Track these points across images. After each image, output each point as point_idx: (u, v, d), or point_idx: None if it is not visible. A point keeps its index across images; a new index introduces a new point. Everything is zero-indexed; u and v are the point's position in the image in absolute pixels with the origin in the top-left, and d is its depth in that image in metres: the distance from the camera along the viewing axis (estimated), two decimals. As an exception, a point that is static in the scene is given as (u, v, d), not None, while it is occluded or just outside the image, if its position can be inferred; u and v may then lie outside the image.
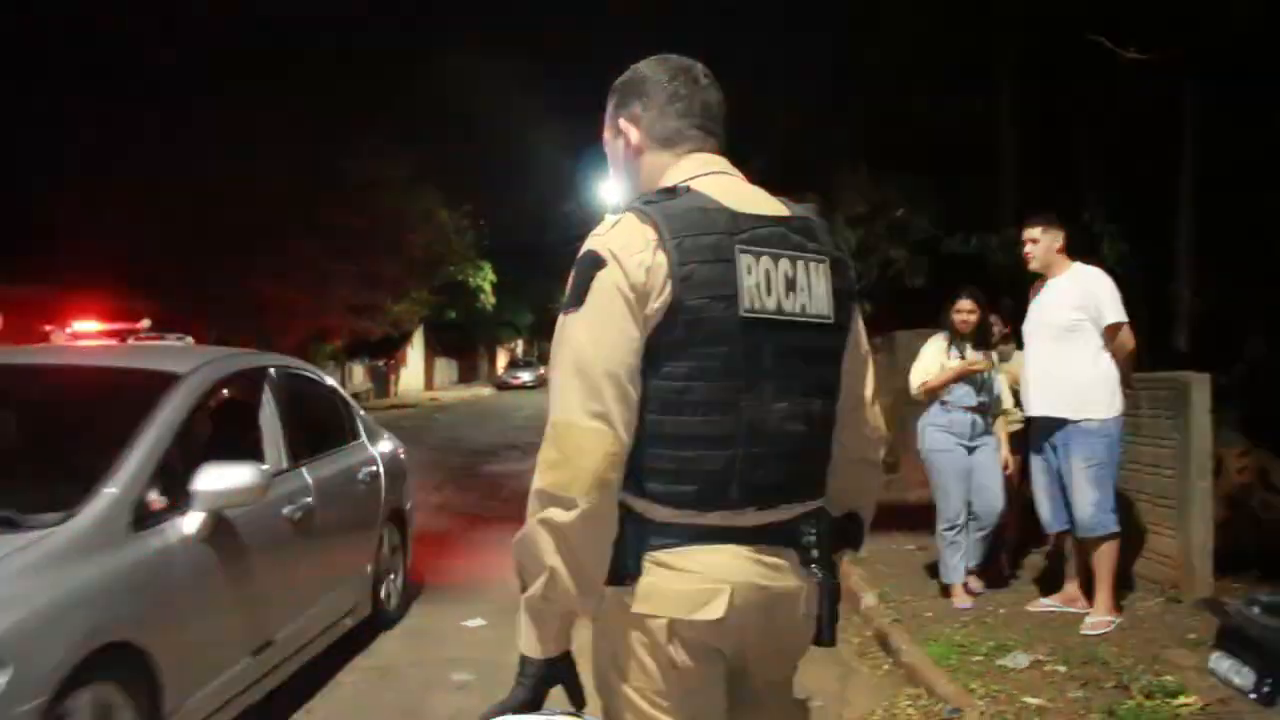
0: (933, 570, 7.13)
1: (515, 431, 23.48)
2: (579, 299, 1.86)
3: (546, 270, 67.96)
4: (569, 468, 1.81)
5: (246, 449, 4.80)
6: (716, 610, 1.88)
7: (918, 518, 8.46)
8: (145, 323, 12.87)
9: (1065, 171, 12.90)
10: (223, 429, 5.05)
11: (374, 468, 6.52)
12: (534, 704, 1.93)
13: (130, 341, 11.85)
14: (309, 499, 5.13)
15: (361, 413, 7.17)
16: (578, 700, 1.99)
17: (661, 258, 1.83)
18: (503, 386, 53.53)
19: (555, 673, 1.95)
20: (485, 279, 42.49)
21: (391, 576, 6.74)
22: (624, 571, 1.89)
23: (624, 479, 1.86)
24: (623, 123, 2.13)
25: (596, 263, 1.85)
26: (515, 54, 36.79)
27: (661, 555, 1.89)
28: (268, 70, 21.10)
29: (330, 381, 7.13)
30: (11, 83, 18.18)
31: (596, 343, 1.83)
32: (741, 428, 1.88)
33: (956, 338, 6.59)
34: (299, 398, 5.79)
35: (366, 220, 24.78)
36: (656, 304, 1.83)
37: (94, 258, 20.10)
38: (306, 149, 22.39)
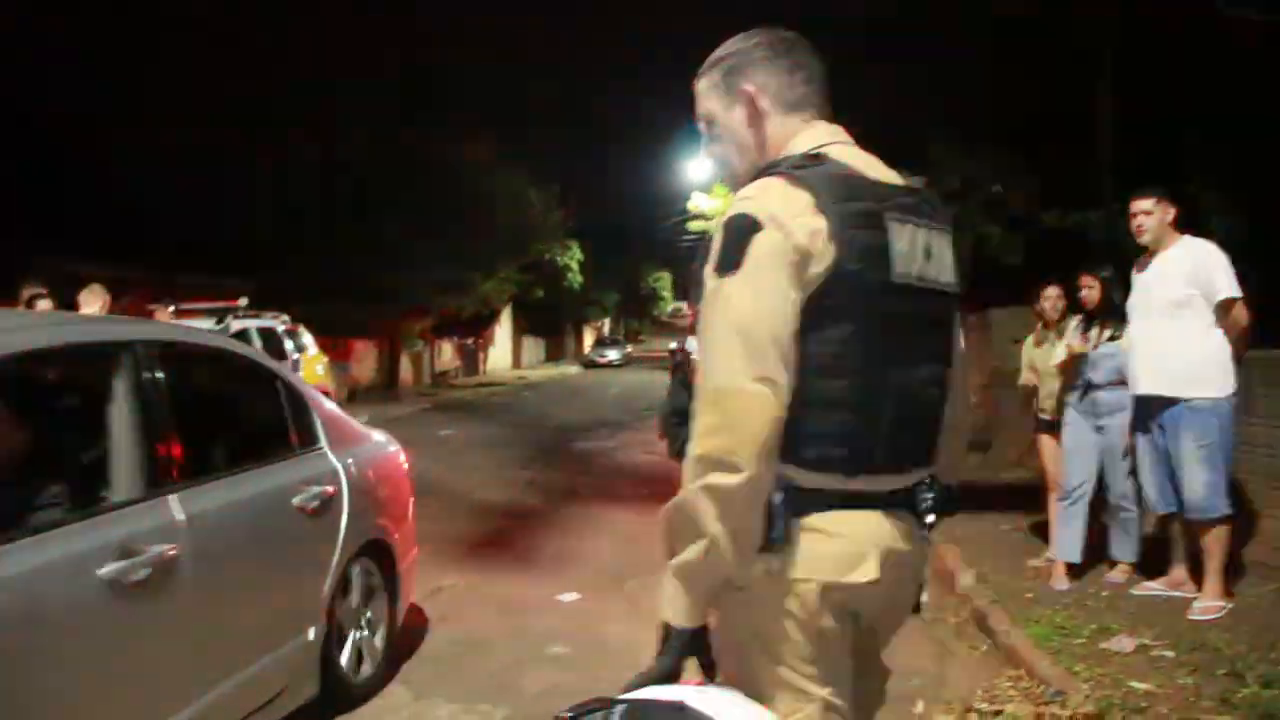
0: (1031, 550, 6.99)
1: (603, 409, 23.59)
2: (735, 262, 1.83)
3: (633, 250, 68.48)
4: (733, 433, 1.78)
5: (74, 467, 3.52)
6: (870, 572, 1.88)
7: (1013, 498, 8.32)
8: (243, 301, 13.27)
9: (1167, 143, 12.49)
10: (45, 436, 3.55)
11: (328, 487, 4.57)
12: (676, 675, 1.88)
13: (230, 319, 12.20)
14: (168, 545, 3.33)
15: (329, 407, 5.19)
16: (711, 671, 1.95)
17: (821, 222, 1.83)
18: (590, 365, 53.75)
19: (697, 643, 1.90)
20: (573, 258, 42.69)
21: (361, 633, 4.90)
22: (773, 538, 1.86)
23: None
24: (746, 88, 2.09)
25: (754, 226, 1.83)
26: (606, 37, 36.83)
27: (813, 520, 1.88)
28: (356, 49, 21.39)
29: (271, 365, 5.01)
30: (113, 73, 18.62)
31: (758, 306, 1.80)
32: (889, 393, 1.89)
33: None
34: (194, 391, 4.21)
35: (456, 199, 25.02)
36: (818, 268, 1.82)
37: (189, 241, 20.63)
38: (395, 129, 22.67)
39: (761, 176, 1.94)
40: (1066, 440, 6.47)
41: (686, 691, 1.82)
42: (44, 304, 8.43)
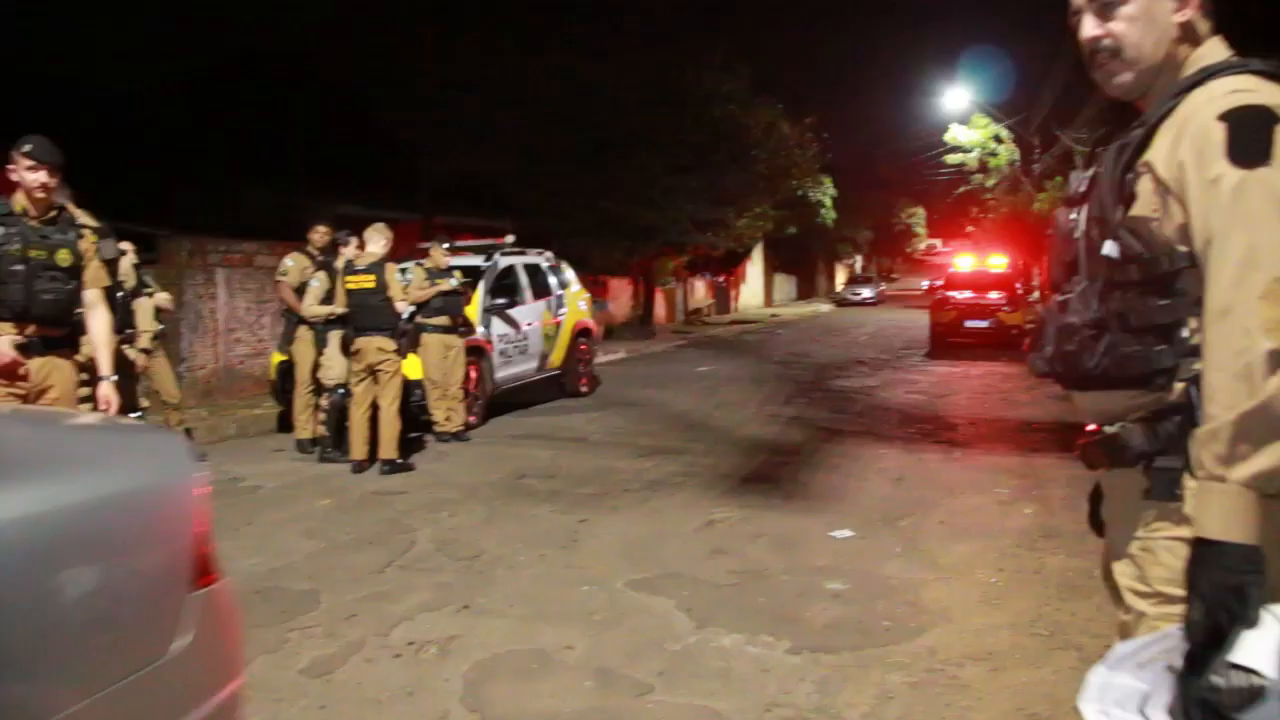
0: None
1: (859, 348, 23.25)
2: (1265, 154, 1.75)
3: (886, 185, 66.72)
4: None
5: None
6: None
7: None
8: (509, 238, 13.64)
9: None
10: None
11: None
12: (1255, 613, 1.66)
13: (497, 256, 12.58)
14: None
15: None
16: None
17: None
18: (842, 303, 53.06)
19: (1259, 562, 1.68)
20: (826, 193, 41.95)
21: None
22: None
23: None
24: None
25: (1274, 117, 1.77)
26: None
27: None
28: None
29: None
30: (365, 20, 19.43)
31: None
32: None
33: None
34: None
35: (709, 135, 24.94)
36: None
37: (449, 182, 21.44)
38: (650, 64, 22.73)
39: (1220, 75, 1.87)
40: None
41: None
42: (353, 243, 8.97)
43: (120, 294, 7.11)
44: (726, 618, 4.98)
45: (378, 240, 9.01)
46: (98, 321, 5.22)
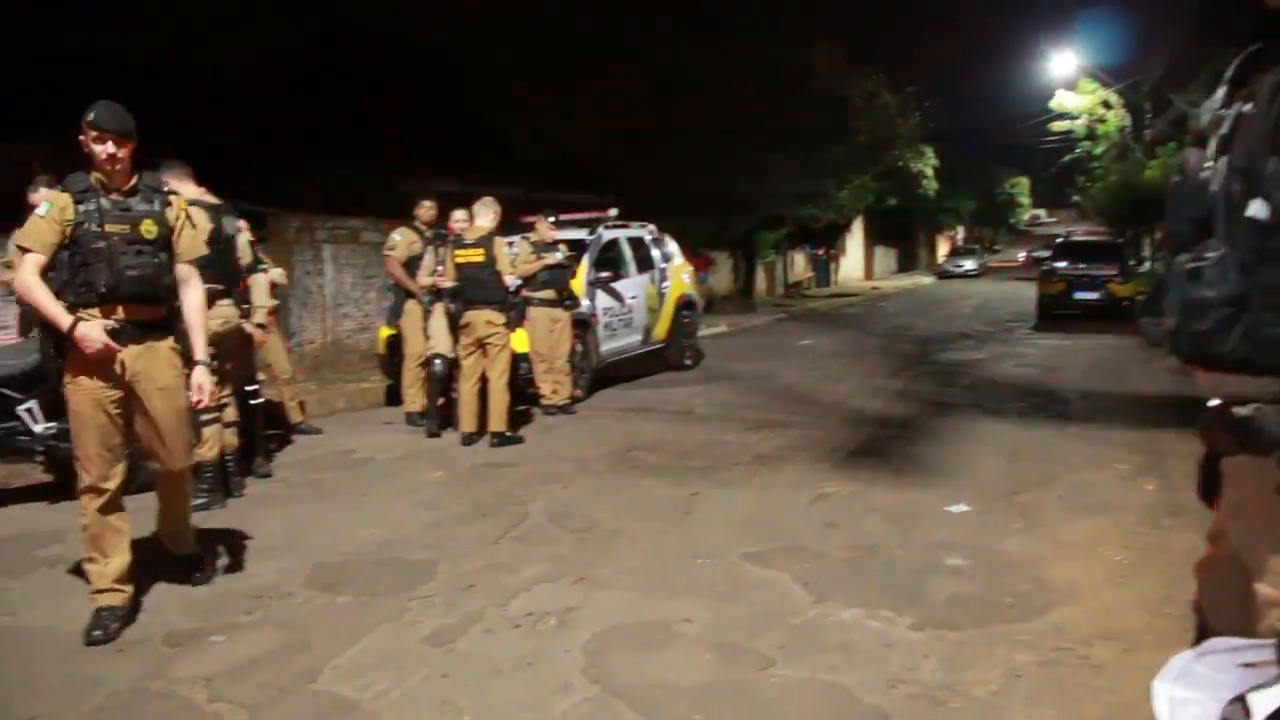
0: None
1: (964, 320, 22.86)
2: None
3: (988, 154, 65.35)
4: None
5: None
6: None
7: None
8: (613, 211, 13.62)
9: None
10: None
11: None
12: None
13: (601, 229, 12.59)
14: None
15: None
16: None
17: None
18: (944, 275, 52.15)
19: None
20: (928, 164, 41.23)
21: None
22: None
23: None
24: None
25: None
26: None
27: None
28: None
29: None
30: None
31: None
32: None
33: None
34: None
35: (808, 107, 24.64)
36: None
37: (547, 158, 21.48)
38: (746, 37, 22.51)
39: None
40: None
41: None
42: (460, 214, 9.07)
43: (238, 270, 7.24)
44: (845, 592, 4.91)
45: (486, 214, 9.05)
46: (190, 298, 4.78)
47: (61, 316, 4.38)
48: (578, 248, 11.65)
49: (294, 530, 6.19)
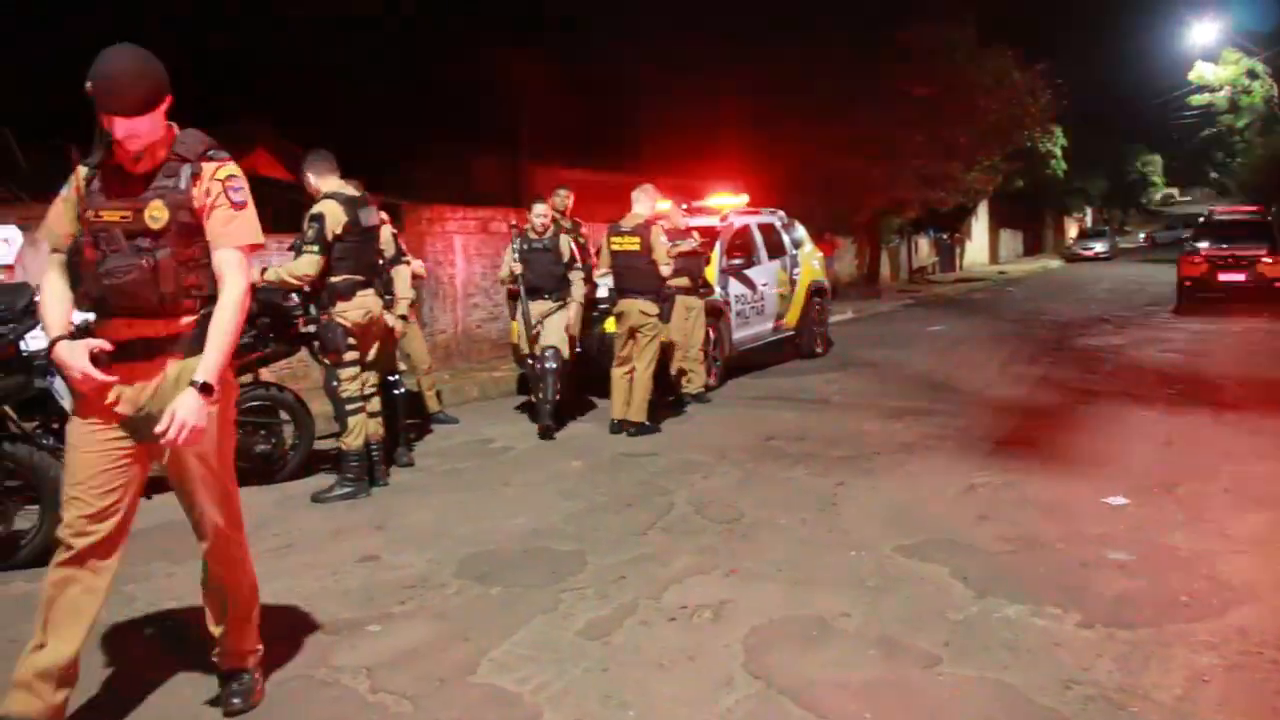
0: None
1: (1099, 305, 22.15)
2: None
3: (1118, 132, 63.04)
4: None
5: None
6: None
7: None
8: (744, 197, 13.51)
9: None
10: None
11: None
12: None
13: (732, 216, 12.49)
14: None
15: None
16: None
17: None
18: (1072, 259, 50.55)
19: None
20: (1057, 144, 40.00)
21: None
22: None
23: None
24: None
25: None
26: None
27: None
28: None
29: None
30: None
31: None
32: None
33: None
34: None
35: (935, 87, 24.14)
36: None
37: (664, 144, 21.43)
38: (871, 16, 22.13)
39: None
40: None
41: None
42: (540, 207, 8.93)
43: (380, 262, 7.33)
44: (1006, 587, 4.75)
45: (644, 202, 9.03)
46: (224, 297, 3.36)
47: (51, 329, 3.32)
48: (709, 235, 11.55)
49: (440, 520, 6.25)
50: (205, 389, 3.23)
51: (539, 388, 8.84)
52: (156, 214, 3.30)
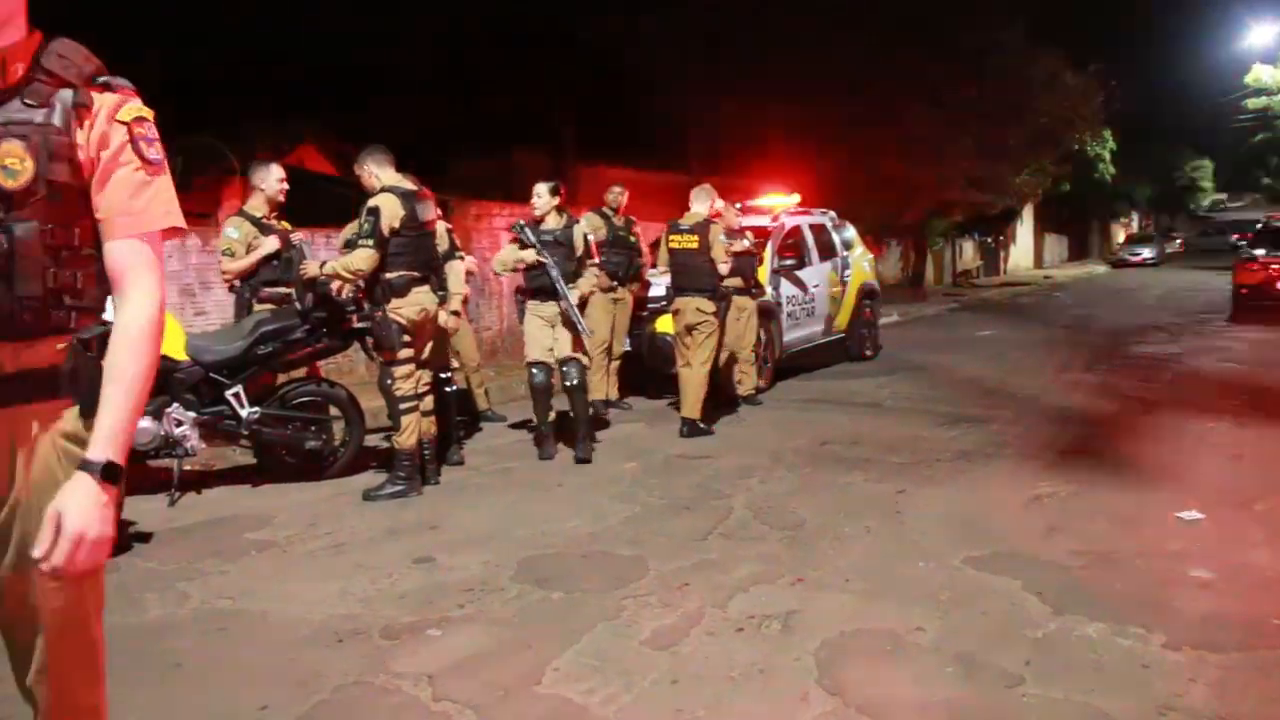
0: None
1: (1151, 311, 21.77)
2: None
3: (1167, 136, 61.99)
4: None
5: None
6: None
7: None
8: (795, 197, 13.34)
9: None
10: None
11: None
12: None
13: (783, 216, 12.32)
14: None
15: None
16: None
17: None
18: (1119, 264, 49.81)
19: None
20: (1105, 147, 39.42)
21: None
22: None
23: None
24: None
25: None
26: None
27: None
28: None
29: None
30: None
31: None
32: None
33: None
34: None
35: (984, 88, 23.81)
36: None
37: (711, 144, 21.28)
38: (920, 17, 21.86)
39: None
40: None
41: None
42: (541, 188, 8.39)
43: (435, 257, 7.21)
44: (1084, 604, 4.56)
45: (703, 200, 8.94)
46: (124, 316, 2.04)
47: None
48: (761, 235, 11.40)
49: (495, 520, 6.14)
50: (109, 473, 1.92)
51: (545, 407, 7.96)
52: (11, 163, 1.96)
